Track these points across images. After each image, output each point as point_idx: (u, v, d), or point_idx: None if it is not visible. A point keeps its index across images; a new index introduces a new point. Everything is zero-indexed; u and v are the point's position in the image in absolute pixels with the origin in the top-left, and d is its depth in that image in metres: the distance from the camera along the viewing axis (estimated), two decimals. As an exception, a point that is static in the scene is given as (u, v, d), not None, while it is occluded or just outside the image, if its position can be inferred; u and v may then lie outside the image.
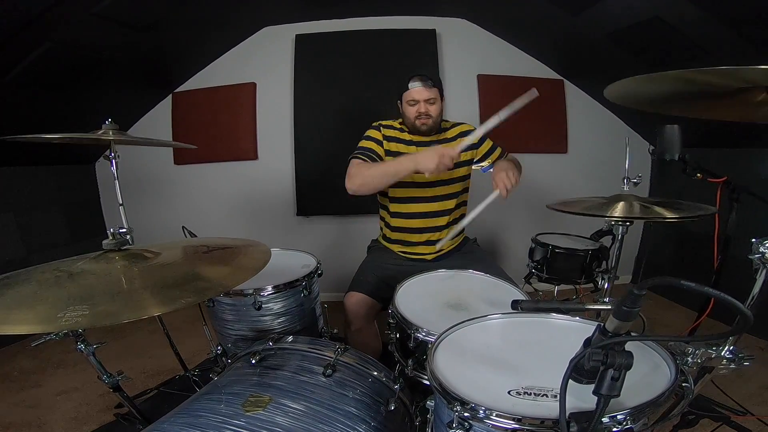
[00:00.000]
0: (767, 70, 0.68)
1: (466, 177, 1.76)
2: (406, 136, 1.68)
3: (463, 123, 1.78)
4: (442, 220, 1.70)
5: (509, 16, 2.65)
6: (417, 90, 1.58)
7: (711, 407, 1.54)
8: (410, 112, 1.62)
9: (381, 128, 1.69)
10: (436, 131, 1.68)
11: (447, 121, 1.78)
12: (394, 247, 1.76)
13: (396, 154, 1.64)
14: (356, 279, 1.65)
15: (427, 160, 1.34)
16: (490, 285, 1.38)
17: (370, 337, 1.62)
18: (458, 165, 1.68)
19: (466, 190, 1.78)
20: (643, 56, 2.24)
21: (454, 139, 1.71)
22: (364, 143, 1.66)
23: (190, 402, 0.87)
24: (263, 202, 2.98)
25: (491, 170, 1.71)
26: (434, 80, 1.60)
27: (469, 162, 1.75)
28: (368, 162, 1.57)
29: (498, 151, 1.77)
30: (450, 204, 1.70)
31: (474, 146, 1.72)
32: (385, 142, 1.66)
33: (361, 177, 1.50)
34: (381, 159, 1.63)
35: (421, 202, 1.68)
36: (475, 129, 1.72)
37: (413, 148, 1.66)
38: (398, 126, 1.71)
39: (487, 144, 1.76)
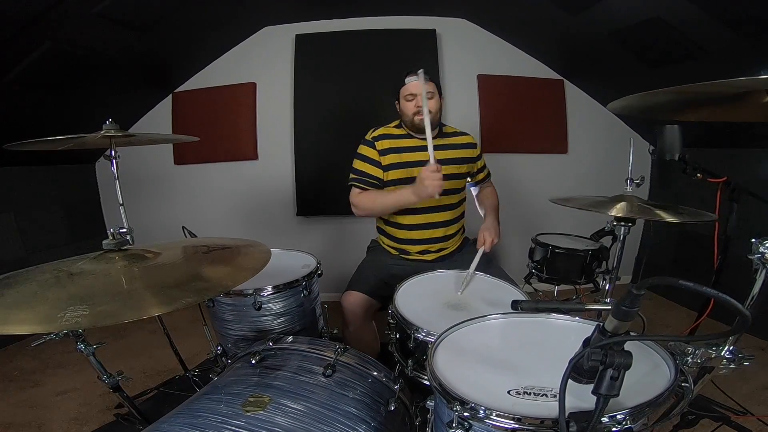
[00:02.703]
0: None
1: (462, 189, 1.76)
2: (405, 142, 1.64)
3: (466, 133, 1.77)
4: (439, 232, 1.69)
5: (509, 16, 2.65)
6: (414, 84, 1.56)
7: (711, 407, 1.54)
8: (408, 107, 1.59)
9: (375, 143, 1.63)
10: (436, 130, 1.66)
11: (449, 126, 1.76)
12: (393, 250, 1.75)
13: (396, 166, 1.62)
14: (354, 278, 1.64)
15: (422, 189, 1.39)
16: (490, 285, 1.38)
17: (369, 337, 1.61)
18: (456, 177, 1.68)
19: (463, 200, 1.77)
20: (643, 56, 2.24)
21: (455, 147, 1.69)
22: (359, 165, 1.64)
23: (190, 402, 0.87)
24: (263, 202, 2.98)
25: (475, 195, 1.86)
26: (430, 75, 1.57)
27: (466, 175, 1.75)
28: (369, 190, 1.62)
29: (485, 172, 1.85)
30: (447, 215, 1.69)
31: (473, 159, 1.75)
32: (382, 158, 1.63)
33: (365, 210, 1.62)
34: (380, 180, 1.63)
35: (417, 213, 1.65)
36: (474, 142, 1.77)
37: (413, 155, 1.62)
38: (395, 132, 1.67)
39: (482, 162, 1.82)
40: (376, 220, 1.81)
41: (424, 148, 1.62)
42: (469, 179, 1.81)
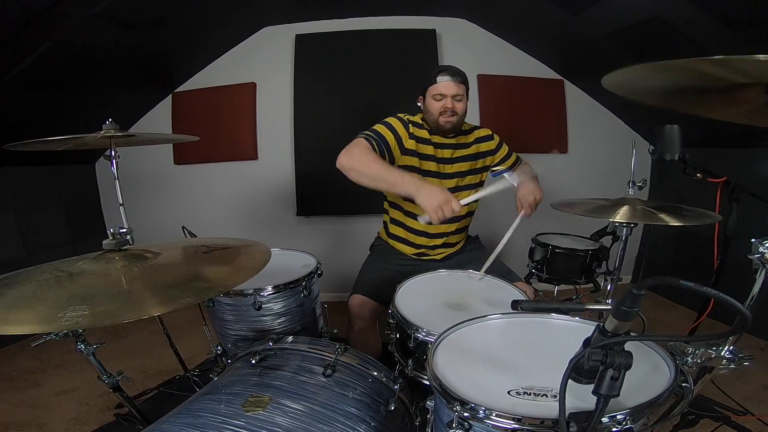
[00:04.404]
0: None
1: (478, 184, 1.72)
2: (425, 134, 1.57)
3: (480, 127, 1.72)
4: (451, 227, 1.67)
5: (509, 16, 2.65)
6: (445, 84, 1.48)
7: (711, 407, 1.54)
8: (435, 107, 1.50)
9: (410, 127, 1.55)
10: (456, 132, 1.61)
11: (466, 123, 1.68)
12: (399, 246, 1.73)
13: (413, 153, 1.54)
14: (359, 280, 1.64)
15: (430, 198, 1.23)
16: (490, 285, 1.38)
17: (371, 338, 1.61)
18: (473, 172, 1.66)
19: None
20: (643, 56, 2.24)
21: (471, 144, 1.66)
22: (380, 128, 1.51)
23: (190, 402, 0.87)
24: (263, 202, 2.98)
25: (505, 175, 1.72)
26: (462, 76, 1.50)
27: (486, 168, 1.72)
28: (374, 152, 1.41)
29: (513, 157, 1.74)
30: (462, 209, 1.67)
31: (491, 152, 1.69)
32: (408, 141, 1.54)
33: (358, 164, 1.33)
34: (390, 155, 1.49)
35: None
36: (491, 133, 1.72)
37: (428, 147, 1.57)
38: (420, 122, 1.60)
39: (504, 149, 1.72)
40: (387, 213, 1.76)
41: (442, 146, 1.59)
42: (495, 168, 1.74)
